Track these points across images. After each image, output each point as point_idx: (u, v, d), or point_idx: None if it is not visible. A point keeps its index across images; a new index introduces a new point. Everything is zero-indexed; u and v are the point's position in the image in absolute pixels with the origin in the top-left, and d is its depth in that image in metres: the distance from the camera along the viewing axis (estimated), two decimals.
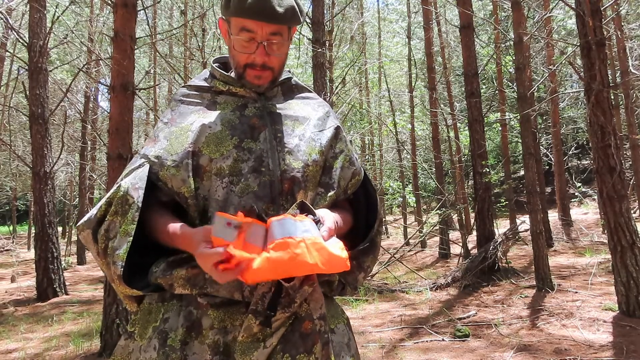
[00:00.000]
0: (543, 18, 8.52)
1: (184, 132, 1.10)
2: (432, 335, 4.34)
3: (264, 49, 1.09)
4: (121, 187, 1.03)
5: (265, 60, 1.11)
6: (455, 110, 12.78)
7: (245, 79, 1.13)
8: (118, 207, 1.02)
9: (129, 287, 1.03)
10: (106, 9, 11.54)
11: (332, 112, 1.28)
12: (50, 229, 6.96)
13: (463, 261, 7.44)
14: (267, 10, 1.04)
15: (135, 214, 1.00)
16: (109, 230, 1.01)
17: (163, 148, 1.10)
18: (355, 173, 1.19)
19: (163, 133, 1.13)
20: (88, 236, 1.04)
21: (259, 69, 1.11)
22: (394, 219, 18.25)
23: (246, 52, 1.10)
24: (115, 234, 1.01)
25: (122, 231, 1.00)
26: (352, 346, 1.12)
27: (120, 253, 0.99)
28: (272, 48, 1.10)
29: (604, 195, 4.33)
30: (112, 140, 4.20)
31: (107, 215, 1.02)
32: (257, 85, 1.14)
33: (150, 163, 1.08)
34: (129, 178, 1.06)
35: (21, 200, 21.73)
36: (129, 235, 0.99)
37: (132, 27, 4.31)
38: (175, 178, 1.06)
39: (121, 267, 0.99)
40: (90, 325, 5.23)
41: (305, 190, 1.09)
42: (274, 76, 1.16)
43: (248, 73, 1.13)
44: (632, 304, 4.23)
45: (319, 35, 6.63)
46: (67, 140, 11.94)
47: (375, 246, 1.17)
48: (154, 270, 1.04)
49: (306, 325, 1.02)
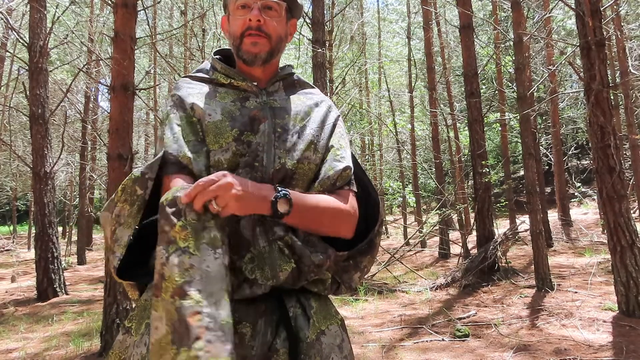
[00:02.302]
0: (543, 18, 8.53)
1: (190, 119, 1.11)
2: (431, 335, 4.35)
3: (258, 10, 1.11)
4: (134, 174, 1.04)
5: (260, 21, 1.12)
6: (455, 110, 12.80)
7: (242, 49, 1.13)
8: (127, 196, 1.03)
9: (124, 279, 1.06)
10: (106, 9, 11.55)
11: (334, 107, 1.26)
12: (50, 229, 6.96)
13: (463, 261, 7.45)
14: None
15: (141, 205, 1.02)
16: (119, 216, 1.04)
17: (176, 134, 1.09)
18: (346, 167, 1.16)
19: (175, 121, 1.12)
20: (107, 218, 1.06)
21: (255, 32, 1.12)
22: (394, 219, 18.26)
23: (242, 17, 1.13)
24: (122, 222, 1.03)
25: (125, 223, 1.02)
26: (344, 347, 1.10)
27: (121, 244, 1.02)
28: (268, 14, 1.13)
29: (604, 195, 4.34)
30: (112, 140, 4.20)
31: (118, 202, 1.04)
32: (254, 54, 1.13)
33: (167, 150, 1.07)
34: (143, 166, 1.06)
35: (21, 200, 21.73)
36: (130, 229, 1.02)
37: (132, 27, 4.31)
38: (195, 162, 1.06)
39: (118, 260, 1.02)
40: (90, 325, 5.23)
41: (294, 188, 1.08)
42: (270, 46, 1.14)
43: (244, 42, 1.13)
44: (631, 304, 4.23)
45: (319, 35, 6.63)
46: (67, 140, 11.94)
47: (373, 247, 1.16)
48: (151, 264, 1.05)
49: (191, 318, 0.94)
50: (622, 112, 10.65)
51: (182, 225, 0.93)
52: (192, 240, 0.92)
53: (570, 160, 18.44)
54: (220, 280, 0.92)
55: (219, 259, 0.93)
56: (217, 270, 0.92)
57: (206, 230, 0.94)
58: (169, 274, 0.90)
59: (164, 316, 0.88)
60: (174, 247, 0.92)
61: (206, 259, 0.92)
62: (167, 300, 0.89)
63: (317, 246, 1.07)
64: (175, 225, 0.93)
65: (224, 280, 0.92)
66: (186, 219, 0.93)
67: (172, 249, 0.92)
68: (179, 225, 0.93)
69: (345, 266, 1.13)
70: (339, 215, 1.10)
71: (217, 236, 0.94)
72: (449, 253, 9.71)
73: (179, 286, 0.89)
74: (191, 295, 0.89)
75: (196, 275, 0.90)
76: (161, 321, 0.88)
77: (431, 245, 11.51)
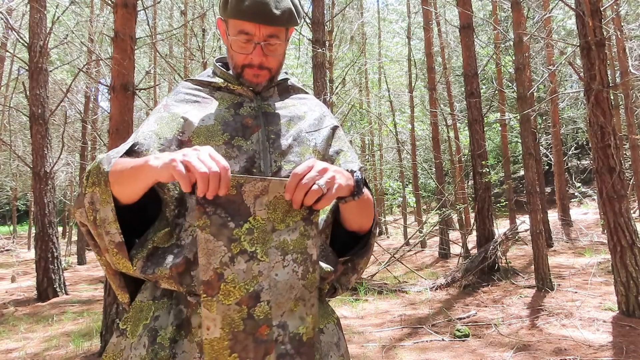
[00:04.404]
0: (543, 18, 8.53)
1: (175, 118, 1.12)
2: (431, 335, 4.35)
3: (261, 50, 1.10)
4: (96, 159, 1.03)
5: (262, 60, 1.12)
6: (455, 110, 12.80)
7: (244, 77, 1.15)
8: (94, 178, 1.00)
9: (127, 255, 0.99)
10: (106, 9, 11.54)
11: (329, 113, 1.29)
12: (50, 229, 6.96)
13: (463, 261, 7.45)
14: (264, 13, 1.05)
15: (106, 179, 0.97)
16: (93, 202, 1.00)
17: (152, 130, 1.10)
18: (360, 168, 1.19)
19: (155, 117, 1.15)
20: (82, 214, 1.02)
21: (257, 68, 1.13)
22: (394, 219, 18.27)
23: (244, 52, 1.12)
24: (99, 205, 0.99)
25: (102, 201, 0.98)
26: (341, 345, 1.13)
27: (110, 222, 0.97)
28: (270, 49, 1.11)
29: (604, 195, 4.34)
30: (112, 140, 4.20)
31: (87, 188, 1.00)
32: (255, 83, 1.15)
33: (136, 142, 1.08)
34: (107, 153, 1.05)
35: (21, 200, 21.73)
36: (110, 204, 0.97)
37: (132, 27, 4.31)
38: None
39: (119, 235, 0.97)
40: (90, 325, 5.23)
41: None
42: (271, 75, 1.17)
43: (246, 72, 1.14)
44: (631, 304, 4.23)
45: (319, 35, 6.63)
46: (67, 140, 11.94)
47: (370, 248, 1.18)
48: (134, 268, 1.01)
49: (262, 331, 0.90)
50: (622, 112, 10.65)
51: (249, 228, 0.88)
52: (260, 245, 0.89)
53: (570, 160, 18.44)
54: (289, 289, 0.90)
55: (288, 266, 0.90)
56: (286, 280, 0.90)
57: (275, 233, 0.90)
58: (233, 277, 0.87)
59: (219, 319, 0.86)
60: (239, 248, 0.87)
61: (274, 265, 0.89)
62: (228, 305, 0.86)
63: (328, 257, 1.08)
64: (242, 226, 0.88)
65: (292, 289, 0.90)
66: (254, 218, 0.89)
67: (236, 250, 0.87)
68: (245, 227, 0.88)
69: (344, 270, 1.14)
70: (372, 208, 1.12)
71: (287, 240, 0.91)
72: (449, 253, 9.71)
73: (248, 295, 0.87)
74: (260, 306, 0.87)
75: (265, 283, 0.88)
76: (214, 323, 0.86)
77: (431, 245, 11.51)
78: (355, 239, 1.15)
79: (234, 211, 0.88)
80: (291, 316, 0.90)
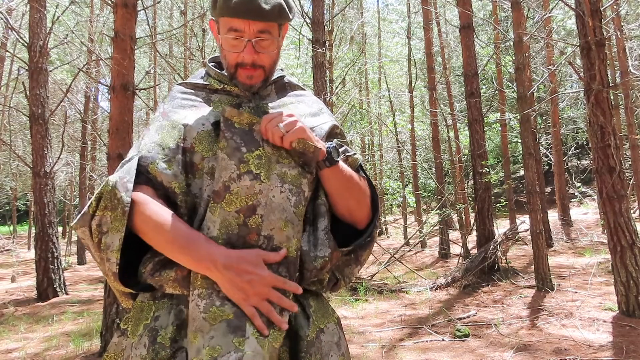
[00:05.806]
0: (543, 18, 8.52)
1: (175, 126, 1.11)
2: (432, 335, 4.35)
3: (252, 47, 1.09)
4: (109, 181, 1.03)
5: (254, 58, 1.11)
6: (455, 110, 12.79)
7: (238, 79, 1.14)
8: (107, 202, 1.02)
9: (124, 285, 1.04)
10: (106, 9, 11.53)
11: (327, 109, 1.29)
12: (50, 229, 6.96)
13: (463, 261, 7.45)
14: (253, 8, 1.05)
15: (125, 208, 1.00)
16: (101, 225, 1.02)
17: (154, 141, 1.10)
18: (354, 153, 1.20)
19: (154, 126, 1.14)
20: (84, 233, 1.04)
21: (250, 67, 1.11)
22: (394, 219, 18.26)
23: (235, 50, 1.11)
24: (107, 229, 1.01)
25: (113, 227, 1.00)
26: (342, 345, 1.13)
27: (114, 250, 1.00)
28: (261, 45, 1.10)
29: (604, 195, 4.34)
30: (112, 140, 4.20)
31: (97, 211, 1.02)
32: (249, 85, 1.14)
33: (141, 156, 1.08)
34: (118, 172, 1.06)
35: (21, 200, 21.73)
36: (120, 232, 1.00)
37: (132, 27, 4.31)
38: (165, 173, 1.06)
39: (116, 265, 1.00)
40: (90, 325, 5.23)
41: None
42: (265, 75, 1.15)
43: (240, 73, 1.13)
44: (631, 304, 4.23)
45: (319, 35, 6.63)
46: (67, 140, 11.94)
47: (373, 240, 1.20)
48: (142, 271, 1.05)
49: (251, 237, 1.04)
50: (622, 112, 10.65)
51: (258, 155, 1.05)
52: (264, 170, 1.04)
53: (570, 160, 18.44)
54: (281, 211, 1.04)
55: (284, 193, 1.04)
56: (280, 202, 1.04)
57: (279, 164, 1.06)
58: (237, 191, 1.02)
59: (218, 222, 1.01)
60: (246, 168, 1.03)
61: (273, 189, 1.04)
62: (228, 212, 1.01)
63: (324, 244, 1.09)
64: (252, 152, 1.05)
65: (284, 211, 1.04)
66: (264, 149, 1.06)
67: (244, 170, 1.03)
68: (256, 152, 1.05)
69: (347, 260, 1.16)
70: (365, 193, 1.17)
71: (287, 173, 1.06)
72: (449, 253, 9.71)
73: (246, 206, 1.02)
74: (254, 217, 1.02)
75: (262, 200, 1.03)
76: (214, 224, 1.01)
77: (431, 245, 11.51)
78: (356, 235, 1.17)
79: (247, 141, 1.05)
80: (279, 233, 1.03)
